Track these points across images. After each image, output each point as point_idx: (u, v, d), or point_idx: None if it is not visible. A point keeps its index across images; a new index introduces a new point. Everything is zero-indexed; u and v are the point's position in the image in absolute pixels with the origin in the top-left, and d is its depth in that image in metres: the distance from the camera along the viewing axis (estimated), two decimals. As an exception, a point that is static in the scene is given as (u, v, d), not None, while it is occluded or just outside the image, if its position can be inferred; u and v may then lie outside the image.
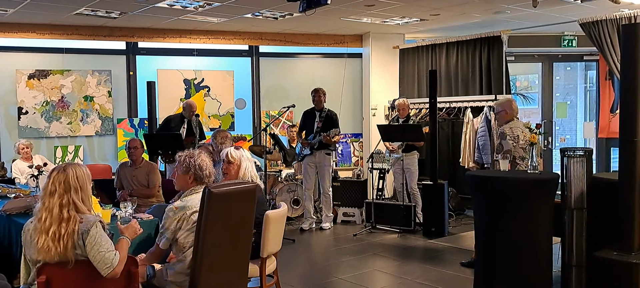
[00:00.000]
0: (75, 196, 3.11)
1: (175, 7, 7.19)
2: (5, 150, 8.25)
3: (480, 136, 7.68)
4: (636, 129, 4.15)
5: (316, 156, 7.68)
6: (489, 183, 4.85)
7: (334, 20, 8.37)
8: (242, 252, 3.82)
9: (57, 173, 3.14)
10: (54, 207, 3.07)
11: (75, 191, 3.12)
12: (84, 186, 3.16)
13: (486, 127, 7.65)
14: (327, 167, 7.75)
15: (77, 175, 3.15)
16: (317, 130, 7.62)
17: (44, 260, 3.05)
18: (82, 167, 3.22)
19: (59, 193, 3.09)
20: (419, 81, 9.48)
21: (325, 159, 7.69)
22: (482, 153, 7.58)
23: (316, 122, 7.67)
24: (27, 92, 8.35)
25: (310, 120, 7.76)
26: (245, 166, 4.45)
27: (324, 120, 7.64)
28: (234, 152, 4.48)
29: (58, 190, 3.10)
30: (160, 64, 9.18)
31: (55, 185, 3.11)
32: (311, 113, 7.79)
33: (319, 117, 7.68)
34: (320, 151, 7.65)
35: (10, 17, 7.54)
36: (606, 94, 9.29)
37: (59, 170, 3.16)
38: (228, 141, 5.90)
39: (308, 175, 7.80)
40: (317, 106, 7.71)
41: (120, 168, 6.53)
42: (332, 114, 7.72)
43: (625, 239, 4.20)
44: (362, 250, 6.79)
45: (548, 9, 7.41)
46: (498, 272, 4.79)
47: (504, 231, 4.70)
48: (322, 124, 7.61)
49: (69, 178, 3.12)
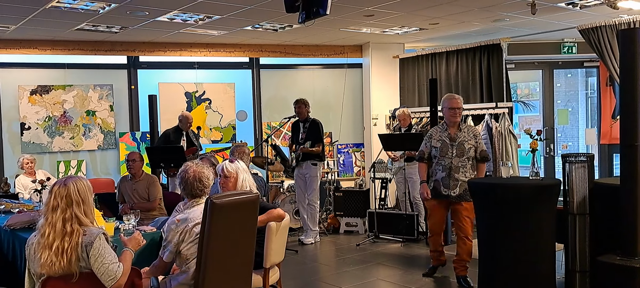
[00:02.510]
0: (77, 209, 3.12)
1: (175, 21, 7.23)
2: (9, 166, 8.28)
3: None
4: (637, 134, 4.16)
5: (303, 167, 7.58)
6: (491, 190, 4.86)
7: (334, 31, 8.41)
8: (245, 262, 3.81)
9: (58, 188, 3.15)
10: (57, 222, 3.08)
11: (77, 204, 3.13)
12: (85, 199, 3.17)
13: (487, 135, 7.68)
14: (314, 178, 7.59)
15: (79, 188, 3.15)
16: (302, 140, 7.56)
17: (48, 274, 3.06)
18: (82, 180, 3.23)
19: (62, 208, 3.10)
20: (420, 90, 9.50)
21: (311, 170, 7.56)
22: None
23: (301, 133, 7.61)
24: (29, 108, 8.39)
25: (296, 131, 7.71)
26: (242, 178, 4.42)
27: (307, 130, 7.57)
28: (229, 165, 4.44)
29: (60, 204, 3.11)
30: (161, 78, 9.22)
31: (58, 200, 3.12)
32: (296, 124, 7.74)
33: (302, 128, 7.61)
34: (305, 162, 7.55)
35: (12, 33, 7.59)
36: (607, 100, 9.30)
37: (60, 184, 3.17)
38: (245, 156, 5.88)
39: (299, 187, 7.71)
40: (301, 117, 7.63)
41: (121, 182, 6.53)
42: (316, 122, 7.62)
43: (628, 243, 4.20)
44: (366, 259, 6.78)
45: (547, 16, 7.44)
46: (501, 278, 4.79)
47: (507, 238, 4.70)
48: (306, 134, 7.55)
49: (70, 192, 3.12)
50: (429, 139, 5.65)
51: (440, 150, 5.50)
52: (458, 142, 5.47)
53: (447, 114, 5.53)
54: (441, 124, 5.69)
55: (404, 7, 6.89)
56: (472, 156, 5.49)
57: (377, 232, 7.78)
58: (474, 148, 5.48)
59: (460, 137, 5.49)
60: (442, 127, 5.60)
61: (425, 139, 5.73)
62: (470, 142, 5.48)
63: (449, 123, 5.54)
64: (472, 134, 5.55)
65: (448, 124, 5.55)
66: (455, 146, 5.46)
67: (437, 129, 5.66)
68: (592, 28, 7.07)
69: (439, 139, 5.54)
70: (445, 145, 5.49)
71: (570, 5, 6.95)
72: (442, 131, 5.57)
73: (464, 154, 5.45)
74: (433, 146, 5.59)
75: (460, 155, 5.44)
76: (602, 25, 6.95)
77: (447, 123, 5.56)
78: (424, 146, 5.70)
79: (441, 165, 5.49)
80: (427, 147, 5.66)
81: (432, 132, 5.66)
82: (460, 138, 5.49)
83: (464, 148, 5.46)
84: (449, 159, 5.45)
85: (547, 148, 9.43)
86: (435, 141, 5.58)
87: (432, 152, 5.60)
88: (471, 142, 5.48)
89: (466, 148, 5.46)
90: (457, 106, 5.49)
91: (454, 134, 5.50)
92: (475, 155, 5.51)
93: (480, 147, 5.52)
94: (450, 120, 5.51)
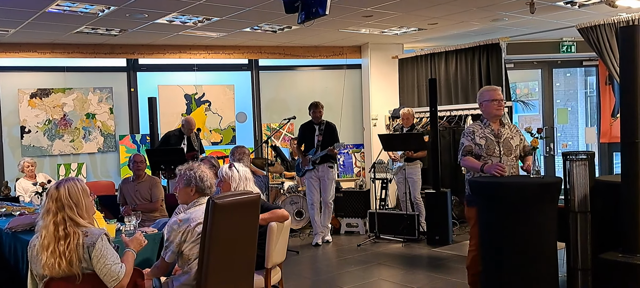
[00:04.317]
0: (70, 213, 3.12)
1: (174, 23, 7.24)
2: (9, 169, 8.28)
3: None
4: (637, 130, 4.16)
5: (319, 170, 7.56)
6: (492, 189, 4.85)
7: (333, 32, 8.41)
8: (247, 262, 3.81)
9: (51, 192, 3.18)
10: (50, 225, 3.11)
11: (70, 208, 3.13)
12: (78, 202, 3.16)
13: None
14: (332, 180, 7.64)
15: (70, 192, 3.16)
16: (318, 143, 7.54)
17: (51, 275, 3.07)
18: (75, 182, 3.22)
19: (53, 212, 3.12)
20: (419, 90, 9.51)
21: (328, 172, 7.58)
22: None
23: (316, 136, 7.56)
24: (29, 111, 8.38)
25: (309, 134, 7.64)
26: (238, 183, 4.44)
27: (323, 132, 7.55)
28: (227, 170, 4.47)
29: (52, 208, 3.13)
30: (161, 80, 9.22)
31: (50, 204, 3.15)
32: (309, 126, 7.68)
33: (318, 130, 7.58)
34: (322, 165, 7.55)
35: (12, 37, 7.59)
36: (606, 98, 9.31)
37: (53, 188, 3.20)
38: (245, 157, 5.88)
39: (312, 189, 7.64)
40: (317, 120, 7.62)
41: (123, 184, 6.55)
42: (332, 125, 7.65)
43: (630, 241, 4.20)
44: (367, 260, 6.78)
45: (546, 15, 7.45)
46: (504, 277, 4.77)
47: (509, 236, 4.69)
48: (323, 137, 7.53)
49: (61, 196, 3.14)
50: (472, 135, 4.84)
51: (486, 148, 4.75)
52: (504, 139, 4.80)
53: (489, 107, 4.80)
54: (477, 122, 4.96)
55: (403, 7, 6.90)
56: (518, 155, 4.86)
57: (378, 232, 7.78)
58: (518, 146, 4.87)
59: (505, 134, 4.82)
60: (484, 124, 4.84)
61: (467, 134, 4.89)
62: (515, 139, 4.86)
63: (491, 118, 4.81)
64: (515, 130, 4.96)
65: (489, 118, 4.82)
66: (501, 143, 4.78)
67: (477, 125, 4.88)
68: (591, 27, 7.08)
69: (483, 136, 4.77)
70: (491, 142, 4.75)
71: (568, 4, 6.97)
72: (484, 127, 4.82)
73: (511, 152, 4.80)
74: (477, 143, 4.79)
75: (508, 154, 4.78)
76: (601, 23, 6.96)
77: (487, 118, 4.83)
78: (467, 141, 4.85)
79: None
80: (470, 142, 4.83)
81: (474, 128, 4.86)
82: (505, 134, 4.82)
83: (511, 145, 4.81)
84: (496, 158, 4.75)
85: (547, 148, 9.44)
86: (478, 138, 4.79)
87: (476, 151, 4.80)
88: (516, 139, 4.87)
89: (513, 145, 4.82)
90: (500, 98, 4.80)
91: (497, 130, 4.80)
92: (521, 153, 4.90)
93: (523, 142, 4.93)
94: (494, 113, 4.79)
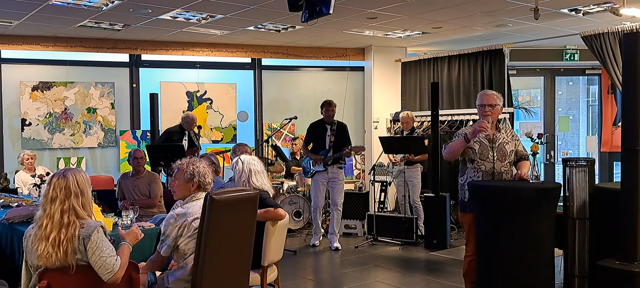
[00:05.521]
0: (75, 201, 3.11)
1: (178, 20, 7.24)
2: (9, 162, 8.27)
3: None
4: (638, 137, 4.15)
5: (329, 172, 7.33)
6: (490, 193, 4.84)
7: (336, 33, 8.41)
8: (243, 259, 3.81)
9: (57, 179, 3.14)
10: (56, 213, 3.07)
11: (76, 196, 3.12)
12: (84, 191, 3.16)
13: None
14: (343, 181, 7.44)
15: (78, 180, 3.15)
16: (330, 144, 7.33)
17: (45, 265, 3.06)
18: (81, 172, 3.23)
19: (61, 199, 3.09)
20: (421, 94, 9.50)
21: (339, 174, 7.36)
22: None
23: (328, 136, 7.34)
24: (30, 104, 8.38)
25: (319, 133, 7.40)
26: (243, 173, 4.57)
27: (335, 132, 7.35)
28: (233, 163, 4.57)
29: (59, 196, 3.10)
30: (163, 77, 9.22)
31: (56, 191, 3.11)
32: (320, 126, 7.45)
33: (330, 130, 7.36)
34: (333, 166, 7.33)
35: (15, 29, 7.59)
36: (608, 107, 9.30)
37: (59, 176, 3.16)
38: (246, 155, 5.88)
39: (319, 191, 7.39)
40: (329, 119, 7.40)
41: (122, 179, 6.56)
42: (343, 126, 7.47)
43: (628, 248, 4.18)
44: (364, 262, 6.76)
45: (550, 22, 7.44)
46: (500, 283, 4.76)
47: (506, 241, 4.67)
48: (336, 137, 7.33)
49: (69, 183, 3.12)
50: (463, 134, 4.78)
51: (479, 153, 4.70)
52: (498, 144, 4.75)
53: (478, 111, 4.80)
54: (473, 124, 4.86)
55: (407, 10, 6.90)
56: (512, 160, 4.81)
57: (376, 234, 7.77)
58: (513, 151, 4.81)
59: (500, 139, 4.77)
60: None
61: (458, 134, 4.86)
62: (510, 144, 4.80)
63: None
64: (510, 135, 4.89)
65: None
66: (495, 148, 4.73)
67: (472, 128, 4.79)
68: (594, 35, 7.08)
69: (477, 140, 4.71)
70: (484, 147, 4.71)
71: (573, 12, 6.96)
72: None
73: (505, 158, 4.75)
74: (470, 147, 4.73)
75: (502, 159, 4.73)
76: (604, 32, 6.95)
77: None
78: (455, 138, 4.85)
79: (481, 171, 4.72)
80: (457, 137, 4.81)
81: (467, 131, 4.79)
82: (501, 139, 4.76)
83: (506, 151, 4.75)
84: (490, 163, 4.70)
85: (547, 155, 9.43)
86: (472, 141, 4.73)
87: (469, 154, 4.76)
88: (511, 144, 4.81)
89: (507, 151, 4.76)
90: (488, 103, 4.72)
91: (492, 135, 4.74)
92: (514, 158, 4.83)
93: (518, 147, 4.85)
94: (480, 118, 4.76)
